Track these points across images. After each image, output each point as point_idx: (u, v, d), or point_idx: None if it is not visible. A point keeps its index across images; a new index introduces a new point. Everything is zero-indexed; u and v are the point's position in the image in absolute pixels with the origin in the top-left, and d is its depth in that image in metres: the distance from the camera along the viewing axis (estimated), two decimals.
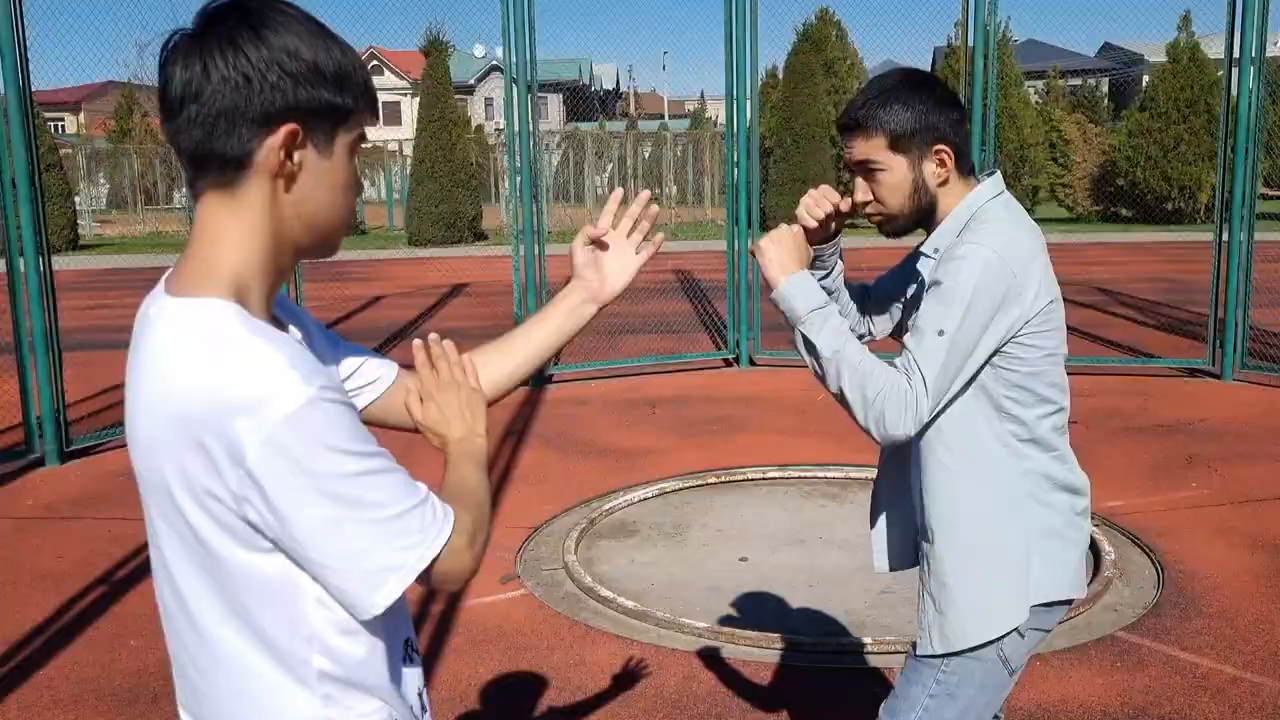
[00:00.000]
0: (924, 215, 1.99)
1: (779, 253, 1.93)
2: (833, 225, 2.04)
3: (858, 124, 1.95)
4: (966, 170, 2.01)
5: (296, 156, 1.16)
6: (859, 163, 1.97)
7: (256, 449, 1.07)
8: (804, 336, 1.89)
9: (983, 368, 1.88)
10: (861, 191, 1.99)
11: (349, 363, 1.44)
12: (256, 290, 1.19)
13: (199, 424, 1.09)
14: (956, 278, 1.84)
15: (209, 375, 1.09)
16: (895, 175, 1.95)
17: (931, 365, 1.81)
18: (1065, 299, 2.06)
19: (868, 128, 1.94)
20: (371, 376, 1.46)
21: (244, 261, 1.17)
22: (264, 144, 1.14)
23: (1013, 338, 1.88)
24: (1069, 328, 2.07)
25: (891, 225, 2.01)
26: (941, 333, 1.82)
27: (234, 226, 1.17)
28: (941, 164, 1.95)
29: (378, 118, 1.25)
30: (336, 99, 1.17)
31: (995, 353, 1.87)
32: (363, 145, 1.25)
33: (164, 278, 1.23)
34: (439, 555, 1.17)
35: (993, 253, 1.87)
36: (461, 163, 21.96)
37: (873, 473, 2.31)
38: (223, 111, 1.12)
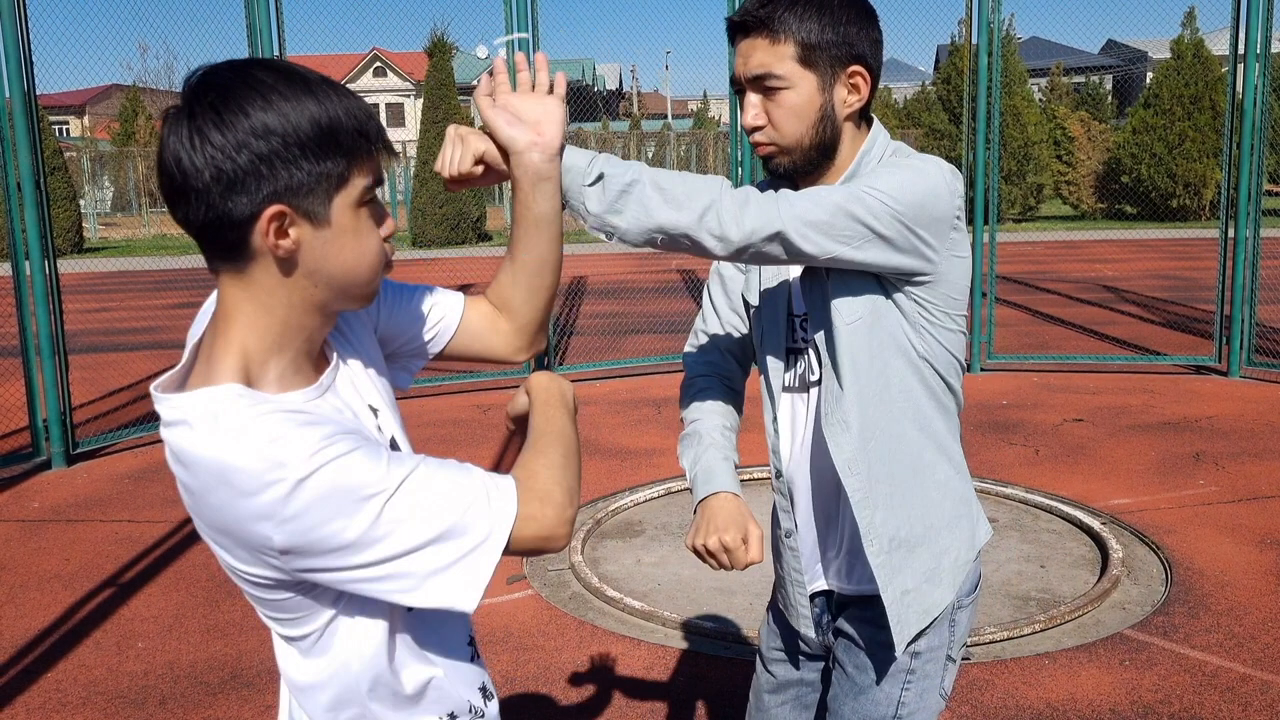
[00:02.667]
0: (820, 156, 1.62)
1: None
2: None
3: (761, 24, 1.57)
4: (866, 117, 1.67)
5: (292, 234, 1.11)
6: (755, 77, 1.59)
7: (282, 542, 1.08)
8: (598, 182, 1.40)
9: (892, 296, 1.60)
10: (753, 113, 1.61)
11: (416, 315, 1.42)
12: (276, 359, 1.17)
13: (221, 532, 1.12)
14: (907, 161, 1.58)
15: (220, 484, 1.07)
16: (800, 95, 1.59)
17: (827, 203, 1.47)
18: (1070, 297, 2.02)
19: (774, 31, 1.57)
20: (438, 318, 1.44)
21: (258, 338, 1.15)
22: (254, 230, 1.09)
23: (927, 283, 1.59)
24: (1076, 326, 2.05)
25: (782, 161, 1.63)
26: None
27: (246, 304, 1.15)
28: (855, 90, 1.61)
29: (382, 157, 1.17)
30: (320, 167, 1.09)
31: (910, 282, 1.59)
32: (375, 189, 1.16)
33: (186, 361, 1.21)
34: (512, 534, 1.13)
35: (949, 169, 1.58)
36: None
37: None
38: (206, 206, 1.08)
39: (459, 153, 1.37)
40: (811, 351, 1.70)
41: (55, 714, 3.34)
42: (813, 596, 1.83)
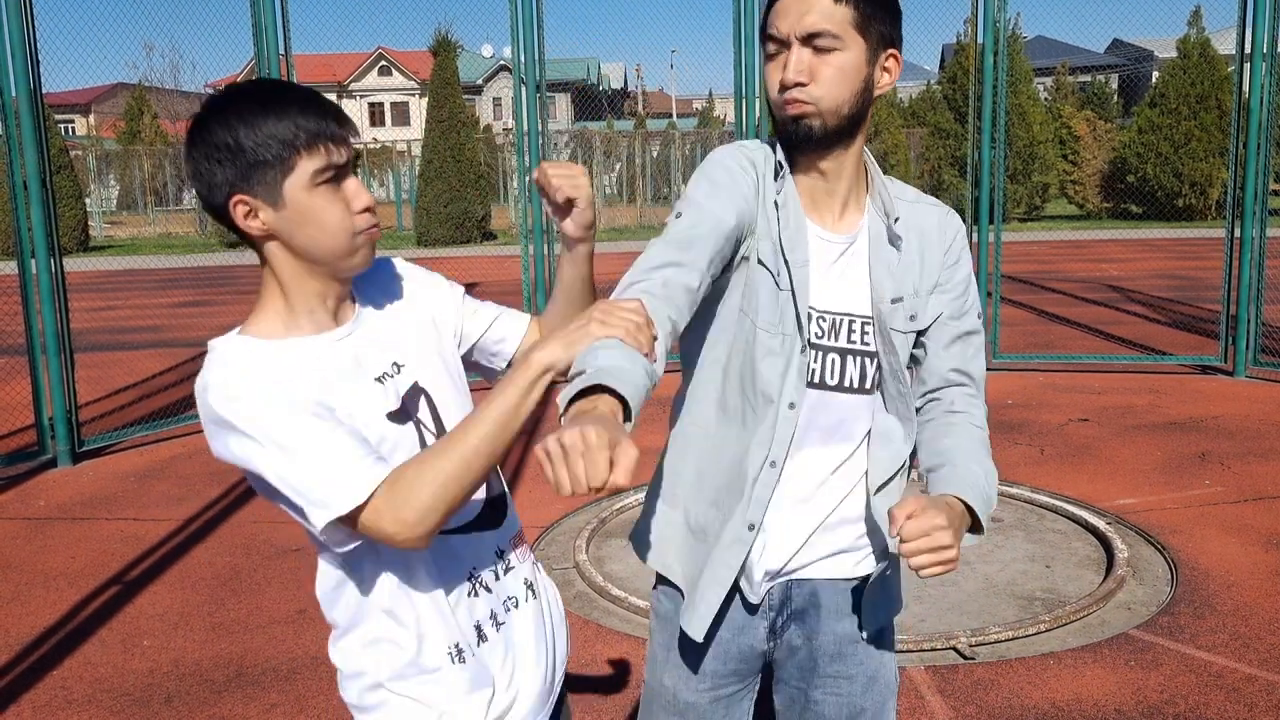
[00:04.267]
0: (850, 126, 1.60)
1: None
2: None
3: None
4: None
5: (261, 216, 1.39)
6: (810, 34, 1.54)
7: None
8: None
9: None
10: (799, 68, 1.55)
11: (484, 328, 1.69)
12: (289, 314, 1.45)
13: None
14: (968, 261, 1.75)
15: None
16: (851, 58, 1.56)
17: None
18: (1076, 296, 2.03)
19: None
20: (500, 337, 1.70)
21: (275, 297, 1.45)
22: (234, 220, 1.39)
23: None
24: (1081, 326, 2.06)
25: (813, 123, 1.57)
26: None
27: (267, 274, 1.45)
28: (887, 72, 1.62)
29: (325, 149, 1.38)
30: (260, 159, 1.35)
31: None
32: (329, 172, 1.39)
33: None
34: (356, 513, 1.32)
35: None
36: (470, 163, 21.98)
37: None
38: (206, 207, 1.42)
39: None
40: (859, 355, 1.67)
41: (61, 711, 3.35)
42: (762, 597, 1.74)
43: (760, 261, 1.62)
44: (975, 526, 1.57)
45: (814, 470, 1.69)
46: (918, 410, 1.75)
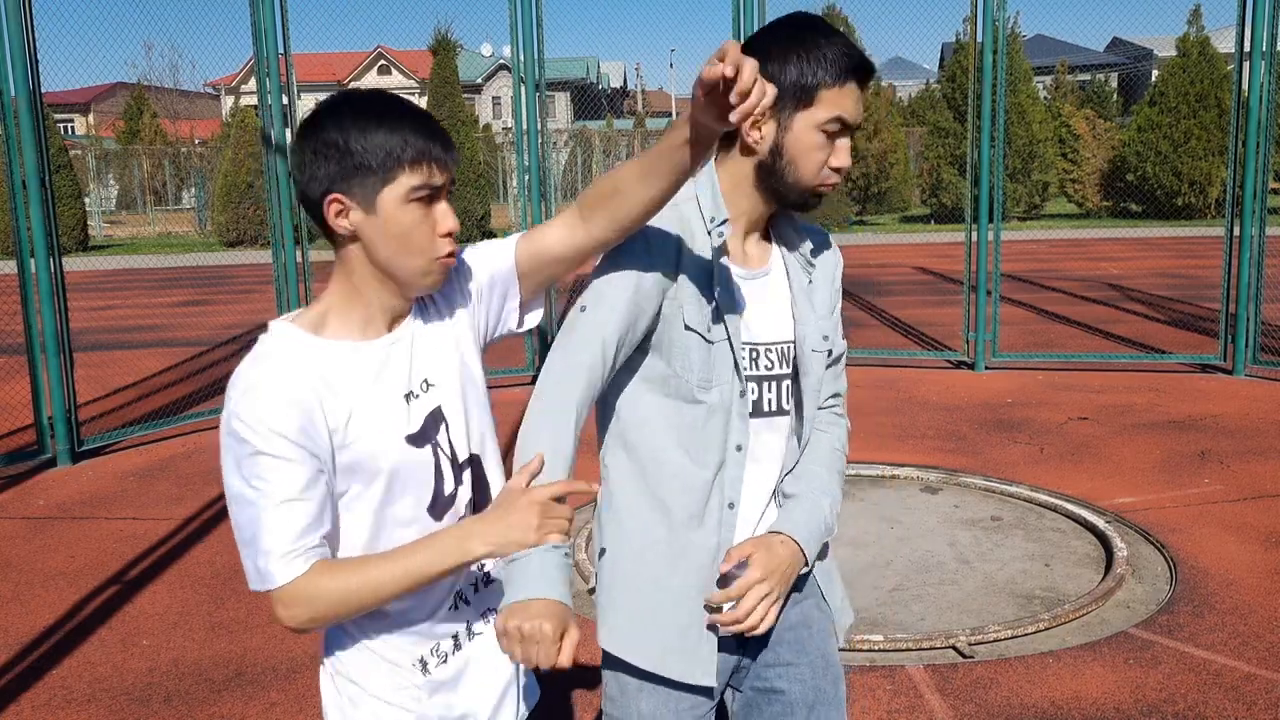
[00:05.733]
0: None
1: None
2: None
3: (871, 75, 1.66)
4: None
5: (351, 217, 1.43)
6: (858, 123, 1.67)
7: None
8: None
9: None
10: (846, 155, 1.67)
11: (486, 312, 1.65)
12: (345, 314, 1.49)
13: None
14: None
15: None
16: None
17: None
18: (1075, 295, 2.04)
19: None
20: (504, 291, 1.64)
21: (337, 294, 1.50)
22: (325, 216, 1.44)
23: None
24: (1081, 325, 2.07)
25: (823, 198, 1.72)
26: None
27: (338, 269, 1.50)
28: None
29: (427, 168, 1.43)
30: (364, 164, 1.41)
31: None
32: (425, 190, 1.44)
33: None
34: (270, 591, 1.40)
35: None
36: (469, 162, 21.99)
37: (884, 470, 2.14)
38: (301, 198, 1.46)
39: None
40: (779, 381, 1.76)
41: (61, 710, 3.35)
42: None
43: (687, 326, 1.66)
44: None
45: (760, 494, 1.77)
46: None
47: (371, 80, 55.15)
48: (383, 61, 55.08)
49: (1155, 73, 28.16)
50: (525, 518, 1.40)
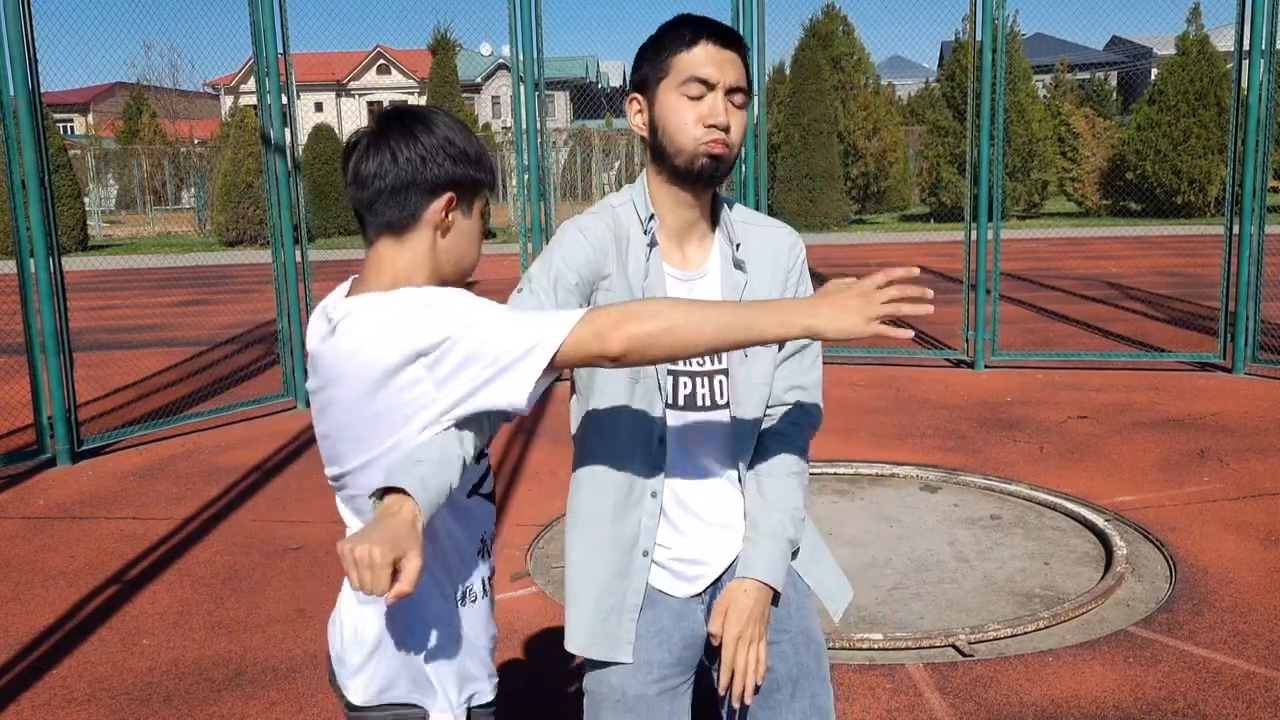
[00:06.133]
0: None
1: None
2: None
3: (740, 42, 1.73)
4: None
5: (451, 215, 1.62)
6: (734, 87, 1.72)
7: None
8: None
9: None
10: (725, 110, 1.71)
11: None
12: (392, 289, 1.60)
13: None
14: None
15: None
16: (745, 117, 1.77)
17: None
18: (1075, 294, 2.05)
19: (746, 53, 1.75)
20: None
21: (391, 275, 1.60)
22: (430, 205, 1.59)
23: None
24: (1080, 323, 2.08)
25: (720, 168, 1.74)
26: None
27: (399, 260, 1.61)
28: None
29: (488, 195, 1.69)
30: (477, 175, 1.63)
31: None
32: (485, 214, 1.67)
33: (342, 290, 1.65)
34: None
35: None
36: None
37: (883, 469, 2.20)
38: (407, 182, 1.57)
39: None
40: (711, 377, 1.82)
41: (61, 710, 3.35)
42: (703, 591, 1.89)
43: None
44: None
45: (703, 484, 1.83)
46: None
47: (371, 79, 55.11)
48: (382, 61, 55.04)
49: (1154, 71, 28.14)
50: (858, 303, 1.48)
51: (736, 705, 1.73)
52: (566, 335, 1.46)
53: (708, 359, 1.80)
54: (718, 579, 1.87)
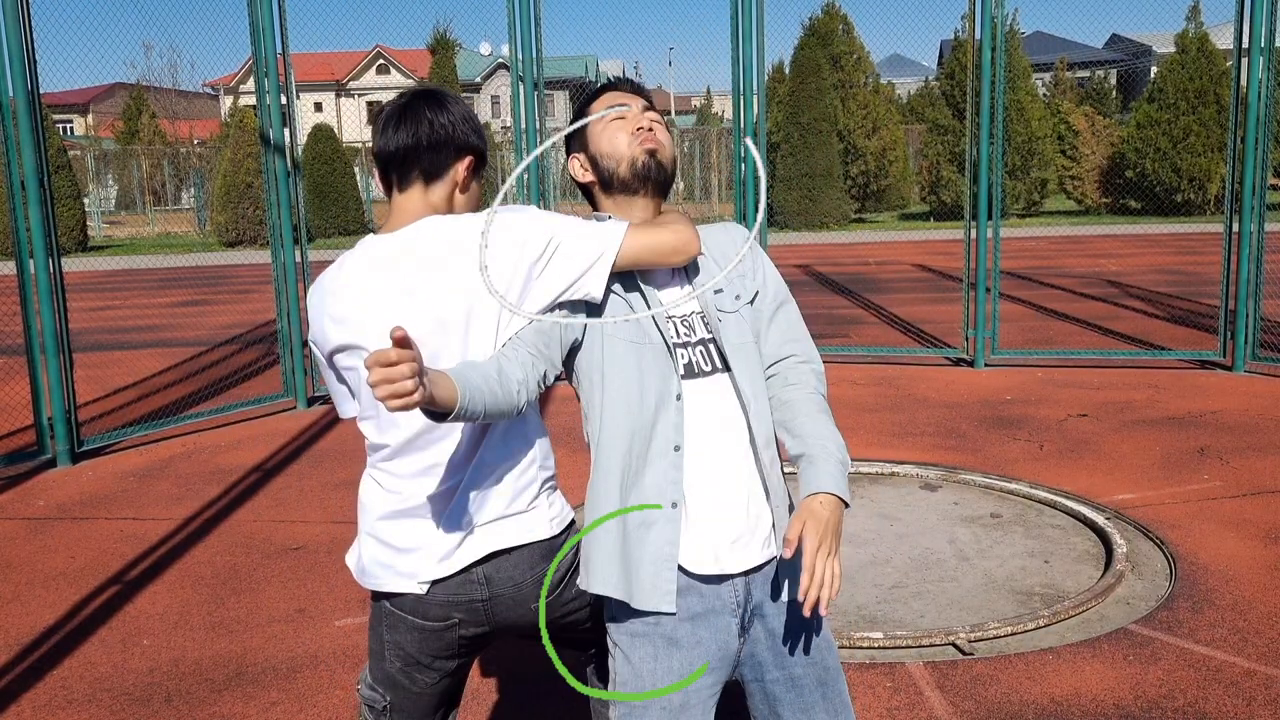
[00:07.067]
0: (669, 185, 2.01)
1: None
2: None
3: (644, 91, 2.07)
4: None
5: (467, 176, 1.98)
6: (649, 107, 2.03)
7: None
8: None
9: None
10: (647, 120, 1.98)
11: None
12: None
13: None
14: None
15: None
16: (668, 133, 2.02)
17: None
18: (1075, 292, 2.07)
19: (649, 98, 2.06)
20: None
21: (415, 213, 1.96)
22: (457, 164, 1.96)
23: None
24: (1080, 321, 2.08)
25: (663, 164, 1.97)
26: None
27: (427, 201, 1.96)
28: None
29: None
30: (485, 152, 2.02)
31: None
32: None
33: (367, 239, 1.98)
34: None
35: None
36: None
37: (883, 467, 2.26)
38: (444, 140, 1.94)
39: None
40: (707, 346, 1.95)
41: (61, 711, 3.35)
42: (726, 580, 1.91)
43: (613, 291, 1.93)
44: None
45: (713, 442, 1.90)
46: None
47: (370, 79, 55.11)
48: (381, 61, 55.06)
49: (1154, 69, 28.13)
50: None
51: (808, 614, 1.76)
52: (622, 242, 1.85)
53: (690, 330, 1.95)
54: (749, 591, 1.91)
